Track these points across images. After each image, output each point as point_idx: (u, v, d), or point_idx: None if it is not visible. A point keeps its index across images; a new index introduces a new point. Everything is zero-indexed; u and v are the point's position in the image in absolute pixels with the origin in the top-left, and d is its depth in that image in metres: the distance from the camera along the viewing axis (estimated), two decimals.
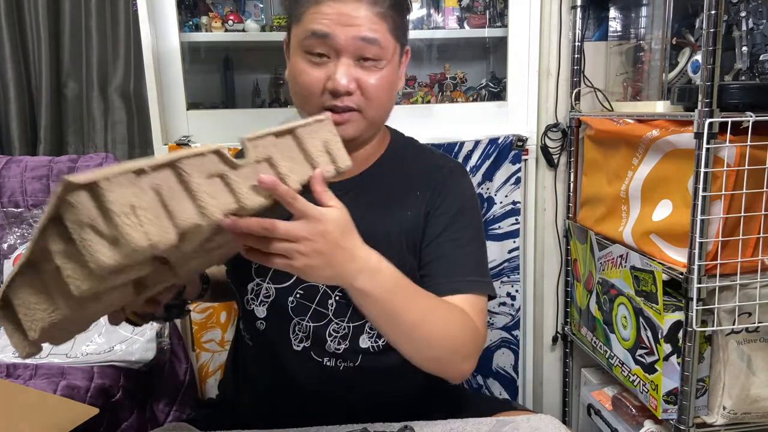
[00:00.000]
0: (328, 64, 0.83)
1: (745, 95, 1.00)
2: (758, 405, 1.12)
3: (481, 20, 1.62)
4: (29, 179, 1.50)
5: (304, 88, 0.85)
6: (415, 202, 0.94)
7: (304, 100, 0.86)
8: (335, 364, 0.95)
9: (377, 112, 0.88)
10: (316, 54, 0.83)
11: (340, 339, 0.94)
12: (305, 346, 0.94)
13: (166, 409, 1.45)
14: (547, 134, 1.55)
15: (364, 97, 0.85)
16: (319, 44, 0.82)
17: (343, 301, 0.93)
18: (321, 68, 0.84)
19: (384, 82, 0.85)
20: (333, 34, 0.81)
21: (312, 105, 0.86)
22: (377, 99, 0.86)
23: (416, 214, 0.93)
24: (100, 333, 1.40)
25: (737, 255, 1.05)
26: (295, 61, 0.86)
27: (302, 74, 0.85)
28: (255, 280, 0.93)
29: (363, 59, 0.83)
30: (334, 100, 0.84)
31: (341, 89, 0.82)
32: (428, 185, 0.94)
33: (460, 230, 0.93)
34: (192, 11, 1.57)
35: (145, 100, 1.48)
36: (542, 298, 1.64)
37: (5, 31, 1.60)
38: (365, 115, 0.86)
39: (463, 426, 0.89)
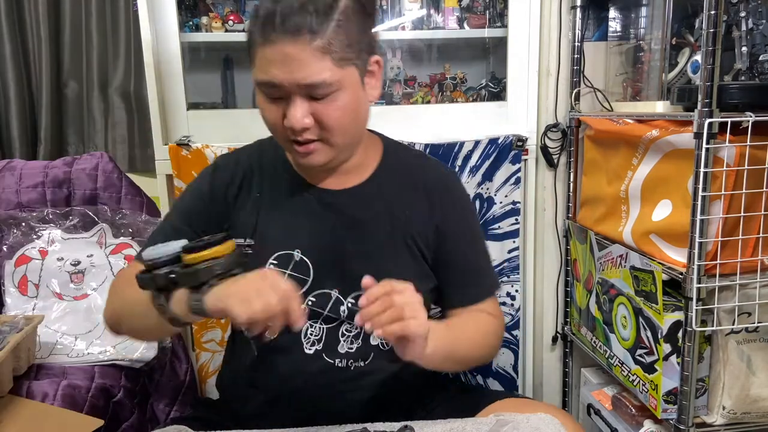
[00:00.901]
0: (284, 102, 0.85)
1: (745, 95, 1.00)
2: (758, 405, 1.12)
3: (481, 20, 1.62)
4: (24, 189, 1.49)
5: (268, 123, 0.89)
6: (423, 212, 0.99)
7: (272, 132, 0.90)
8: (347, 364, 0.96)
9: (342, 138, 0.88)
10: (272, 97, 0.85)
11: (353, 338, 0.96)
12: (317, 349, 0.96)
13: (167, 409, 1.45)
14: (546, 134, 1.56)
15: (324, 129, 0.85)
16: (271, 90, 0.84)
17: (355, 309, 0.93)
18: (279, 106, 0.85)
19: (342, 111, 0.85)
20: (278, 82, 0.82)
21: (279, 137, 0.90)
22: (338, 127, 0.86)
23: (425, 224, 0.99)
24: (100, 334, 1.40)
25: (737, 255, 1.05)
26: (258, 98, 0.88)
27: (264, 110, 0.88)
28: None
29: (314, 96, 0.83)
30: (294, 136, 0.85)
31: (296, 127, 0.83)
32: (433, 195, 1.00)
33: (474, 239, 1.04)
34: (192, 11, 1.57)
35: (145, 100, 1.48)
36: (542, 298, 1.64)
37: (5, 31, 1.60)
38: (330, 143, 0.87)
39: (463, 426, 0.89)
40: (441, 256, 1.00)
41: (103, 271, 1.46)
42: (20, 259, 1.44)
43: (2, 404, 1.12)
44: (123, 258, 1.48)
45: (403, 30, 1.61)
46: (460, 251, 1.01)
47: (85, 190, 1.52)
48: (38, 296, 1.43)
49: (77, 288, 1.45)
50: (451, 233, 1.00)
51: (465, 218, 1.03)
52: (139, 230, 1.53)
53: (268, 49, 0.81)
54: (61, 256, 1.45)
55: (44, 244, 1.46)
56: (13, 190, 1.49)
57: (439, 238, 0.99)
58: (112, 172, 1.55)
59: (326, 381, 0.95)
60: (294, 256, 0.94)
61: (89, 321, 1.42)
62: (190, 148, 1.43)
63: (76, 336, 1.39)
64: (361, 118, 0.91)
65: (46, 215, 1.48)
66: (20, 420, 1.08)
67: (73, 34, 1.66)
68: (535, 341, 1.67)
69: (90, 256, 1.46)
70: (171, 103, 1.48)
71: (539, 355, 1.68)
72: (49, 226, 1.48)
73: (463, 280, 1.01)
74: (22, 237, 1.46)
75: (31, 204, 1.49)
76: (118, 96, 1.68)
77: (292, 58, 0.80)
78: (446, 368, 0.93)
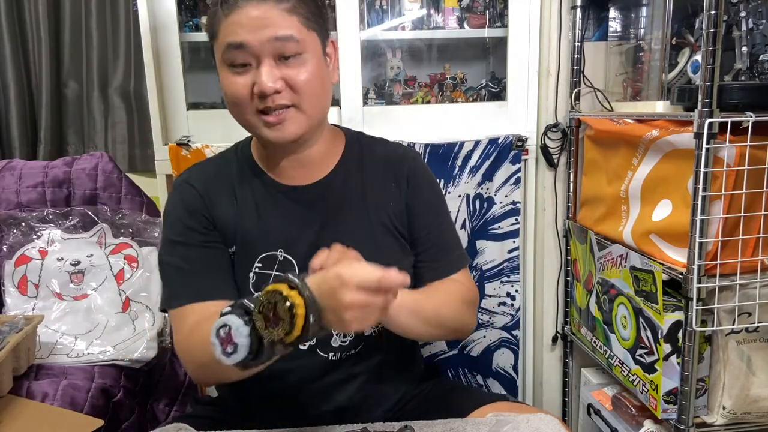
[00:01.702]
0: (251, 71, 0.85)
1: (745, 95, 1.00)
2: (758, 405, 1.12)
3: (481, 20, 1.62)
4: (24, 189, 1.49)
5: (235, 98, 0.87)
6: (393, 193, 1.01)
7: (239, 110, 0.88)
8: (340, 357, 0.97)
9: (312, 105, 0.89)
10: (239, 65, 0.85)
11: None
12: (311, 344, 0.96)
13: (167, 409, 1.45)
14: (547, 134, 1.56)
15: (295, 93, 0.86)
16: (238, 55, 0.84)
17: None
18: (246, 76, 0.85)
19: (312, 75, 0.86)
20: (247, 41, 0.82)
21: (247, 113, 0.88)
22: (309, 91, 0.87)
23: (397, 204, 1.00)
24: (100, 334, 1.40)
25: (737, 255, 1.05)
26: (223, 75, 0.87)
27: (230, 86, 0.86)
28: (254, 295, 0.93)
29: (284, 58, 0.84)
30: (265, 102, 0.85)
31: (267, 90, 0.84)
32: (400, 176, 1.01)
33: (442, 214, 1.06)
34: (192, 11, 1.57)
35: (145, 100, 1.48)
36: (542, 298, 1.64)
37: (5, 31, 1.60)
38: (301, 109, 0.88)
39: (463, 426, 0.89)
40: (412, 233, 1.02)
41: (103, 271, 1.46)
42: (20, 259, 1.44)
43: (2, 404, 1.12)
44: (123, 258, 1.48)
45: (403, 30, 1.61)
46: (430, 227, 1.02)
47: (85, 190, 1.52)
48: (38, 296, 1.43)
49: (77, 288, 1.45)
50: (419, 211, 1.01)
51: (431, 195, 1.05)
52: (139, 230, 1.53)
53: (234, 15, 0.83)
54: (61, 256, 1.45)
55: (44, 244, 1.46)
56: (13, 190, 1.49)
57: (410, 216, 1.01)
58: (112, 172, 1.55)
59: (320, 375, 0.97)
60: (278, 256, 0.95)
61: (89, 321, 1.42)
62: (190, 148, 1.43)
63: (76, 336, 1.39)
64: (327, 90, 0.92)
65: (46, 215, 1.48)
66: (20, 420, 1.08)
67: (73, 34, 1.66)
68: (535, 341, 1.67)
69: (90, 256, 1.46)
70: (171, 103, 1.48)
71: (539, 355, 1.68)
72: (49, 226, 1.48)
73: (433, 255, 1.02)
74: (22, 237, 1.46)
75: (31, 204, 1.49)
76: (118, 96, 1.68)
77: (261, 18, 0.82)
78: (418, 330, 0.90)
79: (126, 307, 1.45)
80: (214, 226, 0.95)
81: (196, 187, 0.96)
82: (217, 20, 0.85)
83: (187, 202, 0.95)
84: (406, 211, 1.01)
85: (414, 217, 1.01)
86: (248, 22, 0.82)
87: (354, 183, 0.99)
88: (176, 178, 1.02)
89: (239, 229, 0.95)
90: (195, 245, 0.94)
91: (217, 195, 0.96)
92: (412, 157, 1.05)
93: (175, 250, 0.94)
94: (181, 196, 0.96)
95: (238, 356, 0.67)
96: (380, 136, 1.08)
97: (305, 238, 0.95)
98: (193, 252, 0.93)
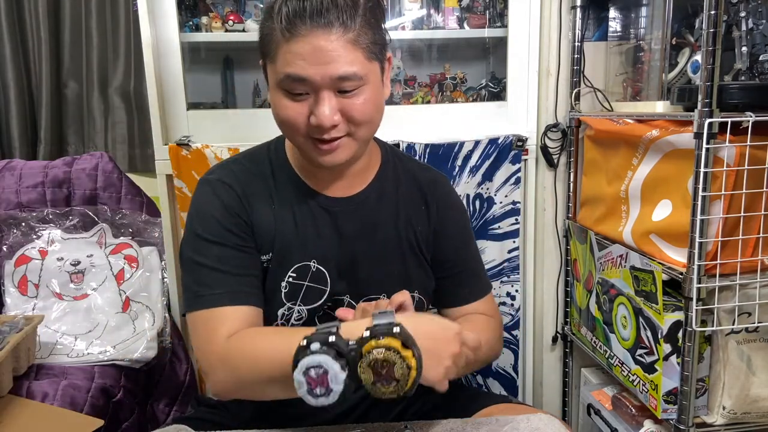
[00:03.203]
0: (309, 99, 0.82)
1: (745, 95, 1.00)
2: (758, 405, 1.12)
3: (481, 20, 1.62)
4: (24, 189, 1.49)
5: (289, 123, 0.84)
6: (423, 217, 1.00)
7: (291, 133, 0.86)
8: None
9: (367, 132, 0.87)
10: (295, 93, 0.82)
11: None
12: None
13: (167, 409, 1.45)
14: (546, 134, 1.56)
15: (351, 124, 0.84)
16: (297, 86, 0.81)
17: None
18: (303, 104, 0.82)
19: (369, 104, 0.84)
20: (309, 77, 0.79)
21: (299, 136, 0.85)
22: (365, 121, 0.85)
23: (425, 229, 1.00)
24: (100, 334, 1.40)
25: (737, 255, 1.05)
26: (277, 98, 0.84)
27: (285, 110, 0.83)
28: (286, 304, 0.93)
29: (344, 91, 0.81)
30: (320, 134, 0.83)
31: (326, 125, 0.81)
32: (430, 200, 1.01)
33: (470, 240, 1.07)
34: (192, 11, 1.57)
35: (145, 100, 1.48)
36: (542, 298, 1.64)
37: (5, 31, 1.60)
38: (355, 137, 0.86)
39: (463, 426, 0.89)
40: (437, 257, 1.02)
41: (103, 271, 1.47)
42: (20, 259, 1.44)
43: (2, 404, 1.12)
44: (123, 258, 1.48)
45: (403, 30, 1.61)
46: (456, 253, 1.03)
47: (85, 190, 1.52)
48: (38, 296, 1.43)
49: (77, 288, 1.45)
50: (447, 235, 1.02)
51: (460, 221, 1.05)
52: (139, 230, 1.53)
53: (296, 43, 0.78)
54: (61, 256, 1.45)
55: (44, 244, 1.46)
56: (13, 190, 1.49)
57: (437, 240, 1.01)
58: (112, 172, 1.55)
59: None
60: (311, 266, 0.94)
61: (89, 321, 1.42)
62: (190, 148, 1.43)
63: (76, 336, 1.39)
64: (381, 112, 0.89)
65: (46, 215, 1.48)
66: (20, 420, 1.08)
67: (73, 34, 1.66)
68: (535, 341, 1.67)
69: (90, 256, 1.46)
70: (171, 103, 1.48)
71: (539, 355, 1.68)
72: (49, 226, 1.48)
73: (458, 281, 1.03)
74: (22, 237, 1.46)
75: (31, 204, 1.50)
76: (118, 96, 1.68)
77: (325, 51, 0.78)
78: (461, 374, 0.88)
79: (126, 307, 1.45)
80: (252, 231, 0.91)
81: (235, 189, 0.92)
82: (276, 42, 0.81)
83: (226, 203, 0.90)
84: (433, 235, 1.01)
85: (442, 240, 1.01)
86: (311, 54, 0.78)
87: (388, 199, 0.98)
88: (206, 176, 0.95)
89: (277, 236, 0.92)
90: (232, 247, 0.89)
91: (255, 199, 0.92)
92: (442, 183, 1.05)
93: (210, 251, 0.88)
94: (218, 195, 0.91)
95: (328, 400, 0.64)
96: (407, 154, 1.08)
97: (337, 250, 0.95)
98: (230, 253, 0.88)
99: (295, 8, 0.78)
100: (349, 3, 0.79)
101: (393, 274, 0.97)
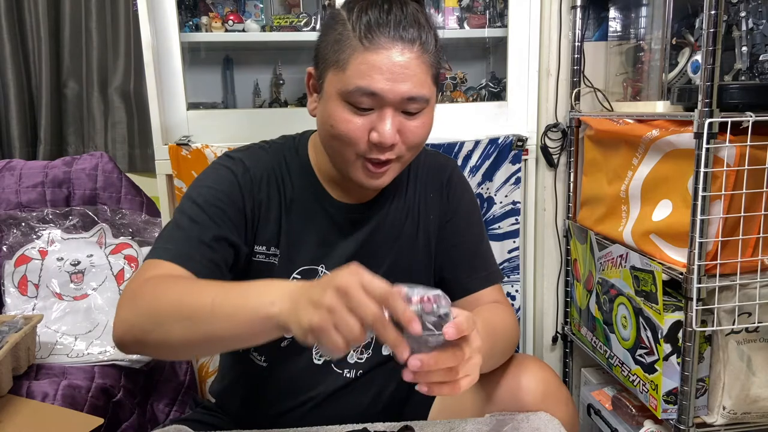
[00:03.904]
0: (372, 115, 0.79)
1: (745, 95, 1.00)
2: (758, 405, 1.12)
3: (481, 20, 1.62)
4: (24, 189, 1.49)
5: (346, 137, 0.80)
6: (434, 206, 0.99)
7: (343, 147, 0.82)
8: (355, 374, 0.97)
9: (412, 156, 0.86)
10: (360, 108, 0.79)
11: (363, 348, 0.97)
12: (327, 359, 0.96)
13: (166, 409, 1.45)
14: (547, 134, 1.56)
15: (405, 146, 0.82)
16: (366, 100, 0.78)
17: None
18: (366, 118, 0.79)
19: (425, 128, 0.83)
20: (383, 92, 0.76)
21: (350, 152, 0.82)
22: (418, 144, 0.84)
23: (437, 217, 0.99)
24: (100, 334, 1.40)
25: (737, 255, 1.05)
26: (335, 108, 0.80)
27: (344, 123, 0.79)
28: None
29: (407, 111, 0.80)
30: (376, 153, 0.81)
31: (388, 143, 0.79)
32: (439, 188, 1.00)
33: (480, 226, 1.05)
34: (192, 11, 1.57)
35: (145, 100, 1.48)
36: (542, 298, 1.64)
37: (5, 31, 1.60)
38: (402, 161, 0.85)
39: (463, 426, 0.89)
40: (449, 244, 0.99)
41: (103, 271, 1.46)
42: (20, 259, 1.44)
43: (2, 404, 1.12)
44: (123, 258, 1.48)
45: None
46: (468, 237, 1.01)
47: (85, 190, 1.52)
48: (38, 296, 1.43)
49: (77, 288, 1.45)
50: (460, 221, 1.00)
51: (471, 206, 1.03)
52: (139, 230, 1.53)
53: (376, 54, 0.75)
54: (60, 256, 1.45)
55: (44, 244, 1.46)
56: (12, 190, 1.49)
57: (449, 227, 0.99)
58: (111, 172, 1.55)
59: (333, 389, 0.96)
60: (318, 271, 0.93)
61: (89, 321, 1.42)
62: (189, 148, 1.43)
63: (76, 336, 1.39)
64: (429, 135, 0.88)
65: (46, 215, 1.48)
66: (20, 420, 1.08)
67: (73, 34, 1.65)
68: (535, 341, 1.67)
69: (90, 256, 1.46)
70: (171, 103, 1.48)
71: (539, 355, 1.68)
72: (48, 226, 1.48)
73: (471, 265, 1.00)
74: (22, 237, 1.46)
75: (31, 204, 1.49)
76: (117, 96, 1.68)
77: (403, 68, 0.76)
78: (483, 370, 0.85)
79: None
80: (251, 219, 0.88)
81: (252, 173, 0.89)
82: (351, 49, 0.77)
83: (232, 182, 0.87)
84: (445, 223, 0.99)
85: (453, 228, 1.00)
86: (389, 69, 0.75)
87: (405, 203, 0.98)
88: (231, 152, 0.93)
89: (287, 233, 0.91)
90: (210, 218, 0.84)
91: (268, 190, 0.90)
92: (451, 169, 1.03)
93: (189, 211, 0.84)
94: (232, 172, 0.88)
95: None
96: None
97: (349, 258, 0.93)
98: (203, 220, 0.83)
99: (377, 18, 0.76)
100: (426, 24, 0.78)
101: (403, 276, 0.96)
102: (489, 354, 0.80)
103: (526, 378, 0.91)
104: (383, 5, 0.77)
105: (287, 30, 1.55)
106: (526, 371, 0.92)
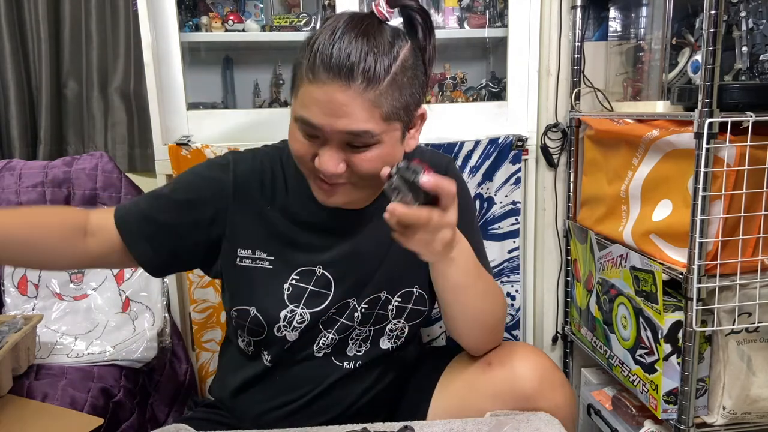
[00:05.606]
0: (318, 142, 0.80)
1: (745, 95, 1.00)
2: (758, 405, 1.12)
3: (481, 20, 1.62)
4: (24, 189, 1.49)
5: (297, 156, 0.85)
6: None
7: (299, 163, 0.87)
8: (354, 366, 0.98)
9: (370, 182, 0.85)
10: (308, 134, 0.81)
11: (361, 342, 0.98)
12: (326, 353, 0.97)
13: (166, 409, 1.45)
14: (547, 134, 1.56)
15: (355, 174, 0.82)
16: (309, 129, 0.79)
17: (368, 312, 0.96)
18: (312, 143, 0.81)
19: (377, 161, 0.80)
20: (320, 126, 0.77)
21: (305, 170, 0.87)
22: (368, 175, 0.82)
23: None
24: (100, 334, 1.40)
25: (737, 255, 1.05)
26: (292, 126, 0.83)
27: (296, 143, 0.83)
28: (288, 306, 0.93)
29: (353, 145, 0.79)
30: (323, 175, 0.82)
31: (327, 173, 0.80)
32: None
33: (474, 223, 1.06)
34: (192, 11, 1.57)
35: (145, 100, 1.48)
36: (542, 298, 1.64)
37: (5, 31, 1.60)
38: (357, 186, 0.85)
39: (463, 426, 0.90)
40: None
41: (103, 271, 1.46)
42: None
43: (2, 404, 1.12)
44: None
45: None
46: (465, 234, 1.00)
47: (85, 190, 1.52)
48: (38, 296, 1.43)
49: (77, 288, 1.45)
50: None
51: (467, 205, 1.03)
52: None
53: (315, 88, 0.76)
54: None
55: None
56: (12, 190, 1.49)
57: None
58: (111, 172, 1.54)
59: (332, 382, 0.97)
60: (316, 272, 0.94)
61: (89, 321, 1.42)
62: (189, 148, 1.43)
63: (76, 336, 1.39)
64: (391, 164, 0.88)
65: None
66: (20, 420, 1.08)
67: (73, 34, 1.65)
68: (535, 341, 1.67)
69: None
70: (171, 103, 1.48)
71: None
72: None
73: None
74: None
75: (31, 204, 1.49)
76: (117, 96, 1.68)
77: (340, 105, 0.75)
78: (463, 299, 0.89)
79: (126, 308, 1.45)
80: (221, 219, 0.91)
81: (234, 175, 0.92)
82: (301, 76, 0.79)
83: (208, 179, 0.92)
84: None
85: None
86: (327, 105, 0.75)
87: None
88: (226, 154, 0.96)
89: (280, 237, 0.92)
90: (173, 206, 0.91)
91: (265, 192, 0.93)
92: (446, 167, 1.03)
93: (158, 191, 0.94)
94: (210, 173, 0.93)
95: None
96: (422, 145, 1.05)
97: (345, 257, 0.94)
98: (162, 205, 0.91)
99: (323, 52, 0.75)
100: (380, 59, 0.76)
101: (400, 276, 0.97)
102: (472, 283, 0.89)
103: (521, 365, 0.92)
104: (333, 36, 0.76)
105: (287, 30, 1.56)
106: (520, 358, 0.93)
